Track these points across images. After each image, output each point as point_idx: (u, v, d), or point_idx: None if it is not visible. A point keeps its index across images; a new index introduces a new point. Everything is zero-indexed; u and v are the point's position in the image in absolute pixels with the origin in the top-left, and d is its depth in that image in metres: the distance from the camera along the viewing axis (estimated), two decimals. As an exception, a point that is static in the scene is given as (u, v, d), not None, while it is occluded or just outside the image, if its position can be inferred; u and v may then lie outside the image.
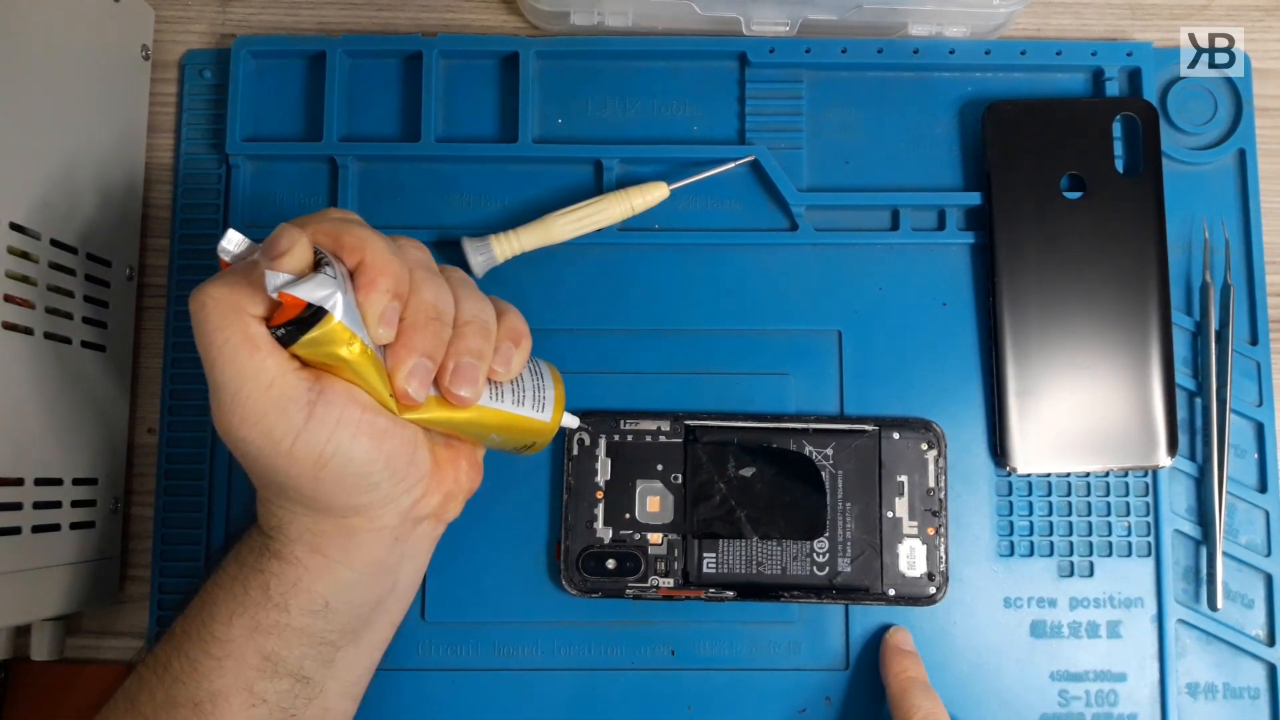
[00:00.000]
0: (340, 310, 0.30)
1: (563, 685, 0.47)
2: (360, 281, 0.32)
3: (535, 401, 0.39)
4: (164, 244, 0.50)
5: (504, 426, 0.37)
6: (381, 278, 0.32)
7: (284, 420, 0.32)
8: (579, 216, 0.47)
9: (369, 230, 0.33)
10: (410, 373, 0.33)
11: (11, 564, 0.40)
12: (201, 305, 0.32)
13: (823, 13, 0.49)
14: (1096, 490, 0.48)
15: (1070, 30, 0.52)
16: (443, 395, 0.35)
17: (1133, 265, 0.48)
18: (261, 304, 0.31)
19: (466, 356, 0.34)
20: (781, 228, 0.50)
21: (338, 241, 0.33)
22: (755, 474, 0.46)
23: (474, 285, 0.37)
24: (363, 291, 0.32)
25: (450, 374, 0.34)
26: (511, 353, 0.36)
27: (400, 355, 0.33)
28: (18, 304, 0.41)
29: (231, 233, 0.32)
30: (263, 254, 0.31)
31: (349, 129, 0.50)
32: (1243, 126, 0.50)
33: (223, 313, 0.31)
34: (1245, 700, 0.46)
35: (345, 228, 0.33)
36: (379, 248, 0.33)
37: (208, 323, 0.31)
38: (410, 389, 0.33)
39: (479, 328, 0.35)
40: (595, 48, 0.50)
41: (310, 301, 0.30)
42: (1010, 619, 0.47)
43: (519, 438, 0.39)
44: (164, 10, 0.52)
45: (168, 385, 0.49)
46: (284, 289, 0.30)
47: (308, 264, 0.31)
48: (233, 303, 0.31)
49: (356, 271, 0.32)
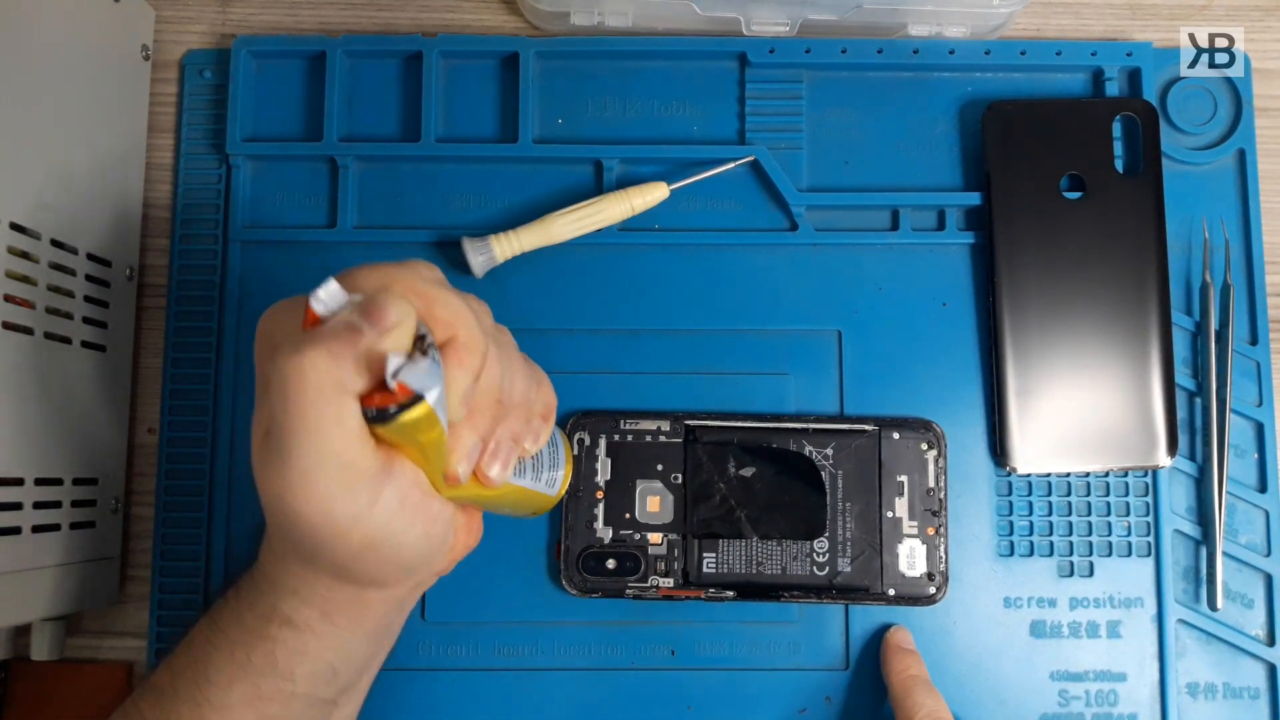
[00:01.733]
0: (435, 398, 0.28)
1: (563, 685, 0.47)
2: (450, 360, 0.30)
3: (549, 476, 0.39)
4: (164, 244, 0.50)
5: (518, 500, 0.38)
6: (470, 359, 0.31)
7: (350, 503, 0.30)
8: (579, 216, 0.47)
9: (458, 299, 0.31)
10: (467, 453, 0.32)
11: (11, 564, 0.40)
12: (301, 372, 0.28)
13: (823, 13, 0.49)
14: (1096, 490, 0.48)
15: (1070, 30, 0.52)
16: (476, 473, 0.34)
17: (1133, 265, 0.48)
18: (366, 383, 0.28)
19: (507, 439, 0.33)
20: (781, 228, 0.50)
21: (430, 310, 0.30)
22: (755, 474, 0.46)
23: (518, 351, 0.36)
24: (451, 371, 0.30)
25: (489, 454, 0.33)
26: (541, 429, 0.36)
27: (463, 436, 0.32)
28: (18, 304, 0.41)
29: (332, 284, 0.29)
30: (369, 322, 0.28)
31: (349, 129, 0.50)
32: (1242, 126, 0.50)
33: (324, 387, 0.28)
34: (1245, 700, 0.46)
35: (439, 295, 0.31)
36: (471, 325, 0.31)
37: (304, 393, 0.28)
38: (462, 469, 0.32)
39: (524, 410, 0.34)
40: (595, 48, 0.50)
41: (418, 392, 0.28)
42: (1010, 619, 0.47)
43: (526, 509, 0.39)
44: (164, 10, 0.52)
45: (168, 385, 0.49)
46: (403, 378, 0.28)
47: (412, 338, 0.29)
48: (337, 378, 0.28)
49: (447, 347, 0.30)
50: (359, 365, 0.28)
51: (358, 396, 0.28)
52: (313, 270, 0.49)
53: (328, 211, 0.50)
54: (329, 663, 0.35)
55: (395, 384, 0.27)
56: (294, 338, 0.28)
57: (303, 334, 0.28)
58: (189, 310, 0.49)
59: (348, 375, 0.28)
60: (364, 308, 0.28)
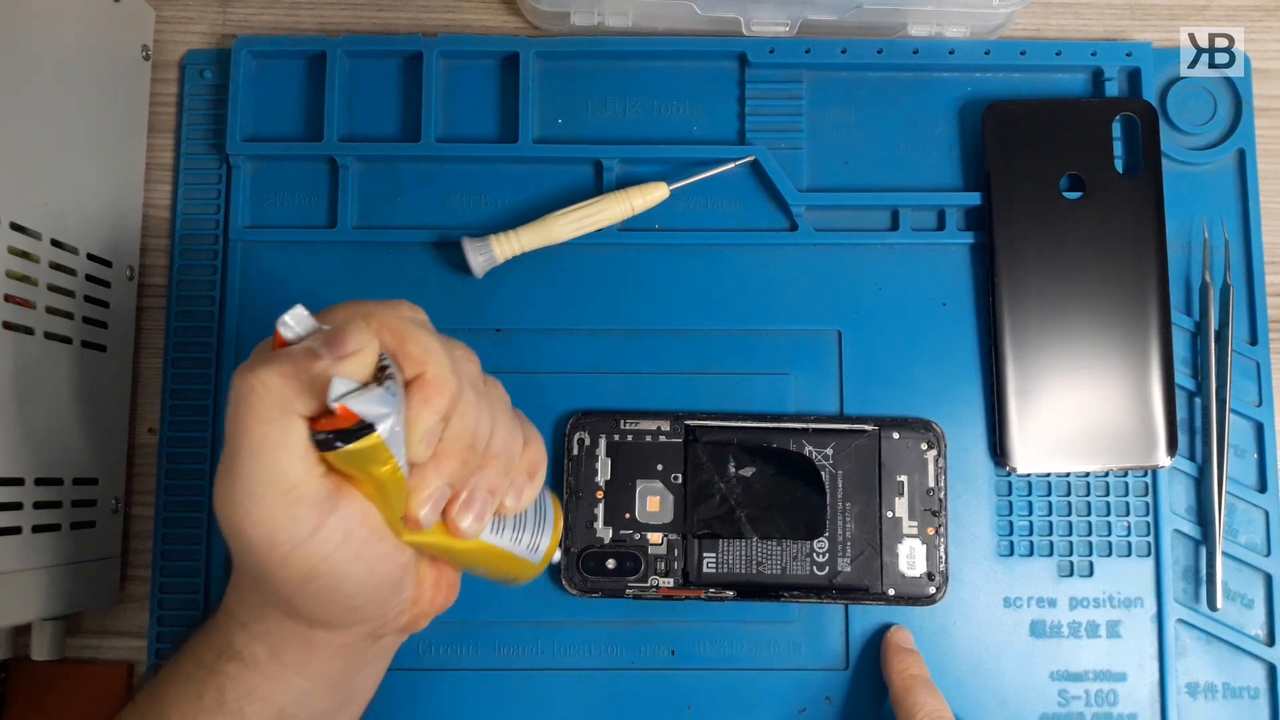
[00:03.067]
0: (388, 430, 0.28)
1: (563, 685, 0.47)
2: (415, 396, 0.30)
3: (531, 541, 0.37)
4: (164, 244, 0.50)
5: (493, 561, 0.36)
6: (437, 398, 0.30)
7: (290, 527, 0.29)
8: (579, 216, 0.47)
9: (434, 339, 0.31)
10: (429, 497, 0.31)
11: (12, 564, 0.40)
12: (250, 389, 0.28)
13: (823, 13, 0.49)
14: (1096, 490, 0.48)
15: (1070, 30, 0.52)
16: (446, 523, 0.33)
17: (1132, 265, 0.48)
18: (313, 406, 0.29)
19: (482, 490, 0.33)
20: (781, 228, 0.50)
21: (401, 346, 0.30)
22: (755, 474, 0.46)
23: (509, 405, 0.35)
24: (415, 408, 0.30)
25: (460, 503, 0.32)
26: (525, 487, 0.34)
27: (427, 478, 0.31)
28: (18, 304, 0.41)
29: (299, 310, 0.29)
30: (327, 347, 0.28)
31: (349, 129, 0.50)
32: (1242, 126, 0.50)
33: (269, 405, 0.28)
34: (1245, 700, 0.46)
35: (412, 332, 0.31)
36: (441, 363, 0.31)
37: (250, 411, 0.28)
38: (423, 514, 0.31)
39: (504, 462, 0.33)
40: (595, 48, 0.50)
41: (365, 419, 0.28)
42: (1010, 619, 0.47)
43: (503, 573, 0.37)
44: (164, 10, 0.52)
45: (168, 385, 0.49)
46: (346, 402, 0.27)
47: (372, 369, 0.29)
48: (283, 397, 0.28)
49: (414, 384, 0.30)
50: (309, 388, 0.28)
51: (306, 420, 0.29)
52: (313, 270, 0.49)
53: (328, 211, 0.50)
54: (279, 705, 0.34)
55: (337, 407, 0.27)
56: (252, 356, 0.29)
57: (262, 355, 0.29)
58: (189, 310, 0.49)
59: (295, 396, 0.28)
60: (327, 335, 0.28)
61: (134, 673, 0.48)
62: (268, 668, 0.34)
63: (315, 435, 0.29)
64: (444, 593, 0.37)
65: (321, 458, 0.29)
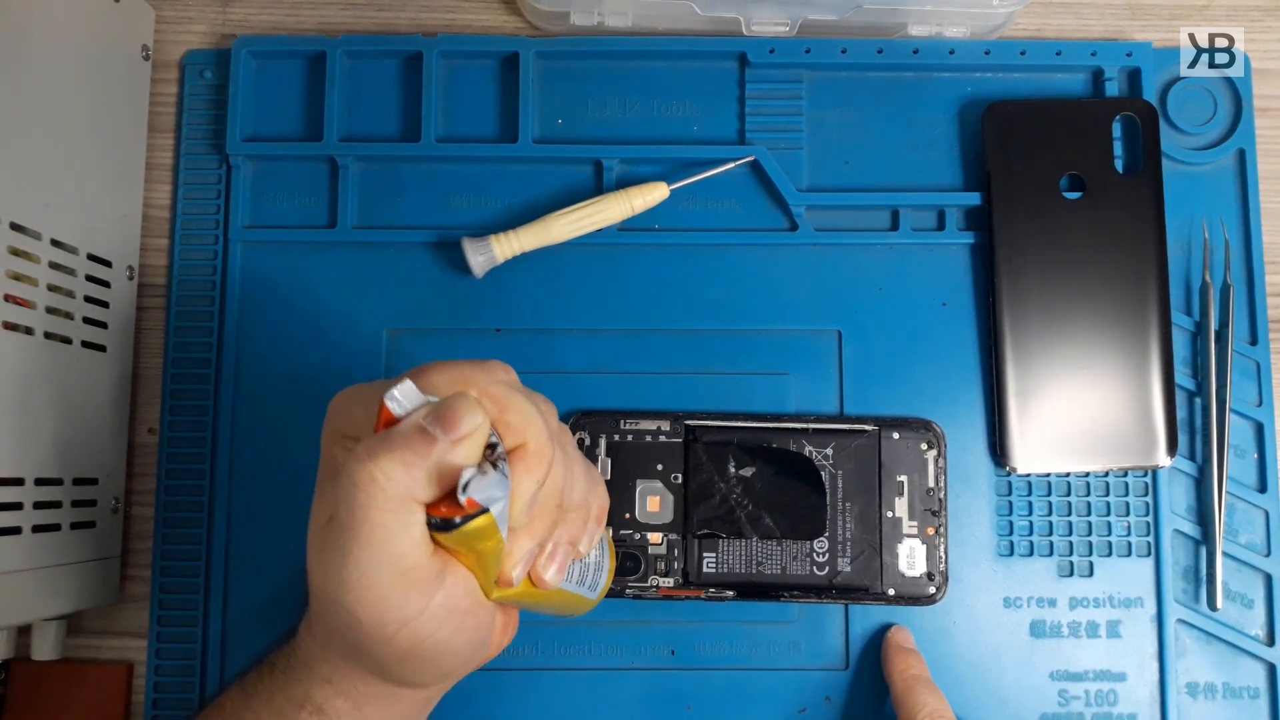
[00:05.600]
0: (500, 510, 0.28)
1: (563, 685, 0.47)
2: (518, 468, 0.30)
3: (594, 580, 0.38)
4: (164, 244, 0.50)
5: (564, 602, 0.37)
6: (538, 468, 0.30)
7: (403, 608, 0.29)
8: (579, 217, 0.47)
9: (531, 406, 0.31)
10: (523, 558, 0.31)
11: (12, 564, 0.40)
12: (372, 480, 0.28)
13: (823, 13, 0.49)
14: (1096, 490, 0.48)
15: (1070, 30, 0.52)
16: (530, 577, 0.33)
17: (1132, 265, 0.48)
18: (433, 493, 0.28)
19: (564, 544, 0.33)
20: (781, 228, 0.50)
21: (501, 415, 0.30)
22: (755, 474, 0.46)
23: (580, 455, 0.35)
24: (518, 479, 0.30)
25: (545, 557, 0.33)
26: (595, 532, 0.35)
27: (522, 542, 0.31)
28: (18, 304, 0.41)
29: (408, 384, 0.28)
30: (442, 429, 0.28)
31: (349, 129, 0.50)
32: (1242, 127, 0.50)
33: (393, 497, 0.28)
34: (1245, 700, 0.46)
35: (511, 400, 0.30)
36: (541, 434, 0.30)
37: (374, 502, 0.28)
38: (517, 574, 0.31)
39: (581, 515, 0.34)
40: (595, 48, 0.50)
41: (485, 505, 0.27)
42: (1010, 619, 0.47)
43: (568, 610, 0.38)
44: (164, 10, 0.52)
45: (168, 385, 0.49)
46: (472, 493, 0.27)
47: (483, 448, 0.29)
48: (406, 488, 0.28)
49: (515, 455, 0.30)
50: (430, 476, 0.28)
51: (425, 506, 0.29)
52: (313, 270, 0.49)
53: (328, 211, 0.50)
54: None
55: (465, 499, 0.27)
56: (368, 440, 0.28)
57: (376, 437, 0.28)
58: (189, 310, 0.49)
59: (418, 485, 0.28)
60: (439, 413, 0.28)
61: (133, 673, 0.48)
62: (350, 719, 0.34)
63: (431, 520, 0.28)
64: (509, 633, 0.37)
65: (432, 537, 0.29)
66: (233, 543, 0.47)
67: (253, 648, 0.47)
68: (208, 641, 0.47)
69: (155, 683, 0.47)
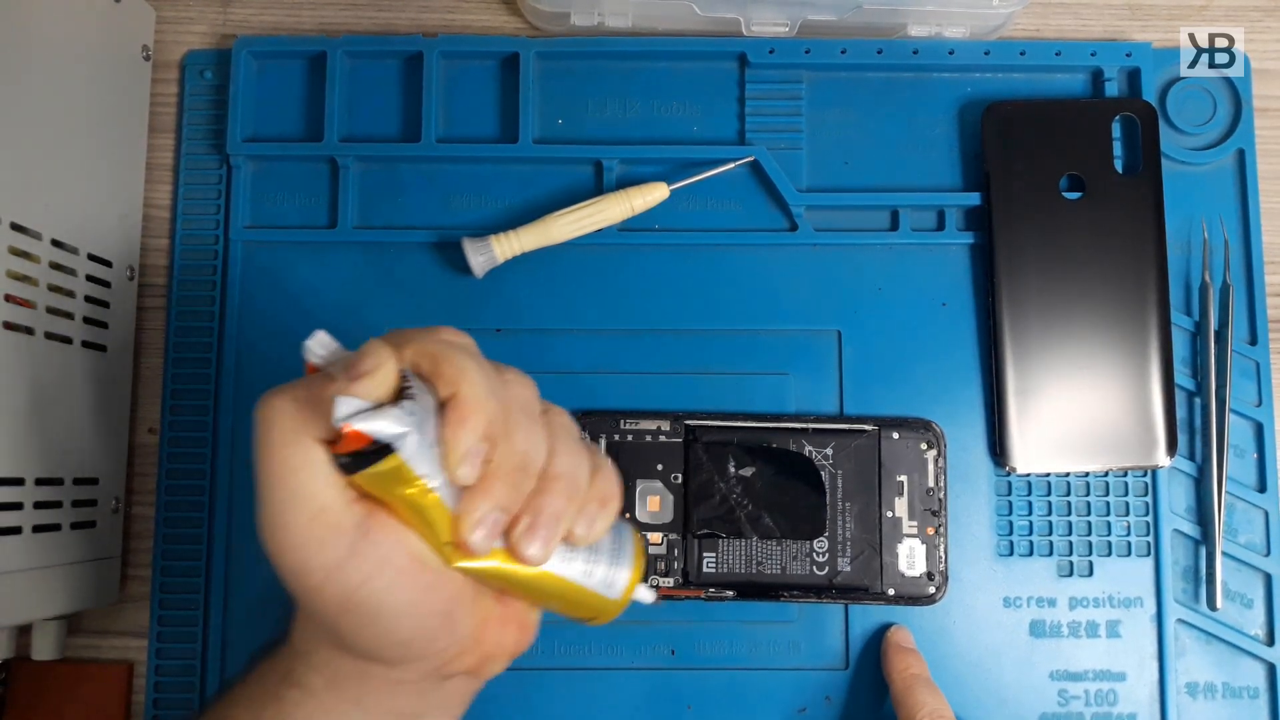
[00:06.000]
0: (410, 450, 0.28)
1: (563, 685, 0.47)
2: (450, 416, 0.29)
3: (606, 575, 0.34)
4: (165, 244, 0.51)
5: (564, 594, 0.34)
6: (473, 416, 0.29)
7: (321, 553, 0.29)
8: (579, 217, 0.48)
9: (473, 360, 0.30)
10: (480, 521, 0.30)
11: (12, 564, 0.40)
12: (267, 417, 0.29)
13: (822, 13, 0.49)
14: (1096, 490, 0.48)
15: (1070, 31, 0.52)
16: (509, 549, 0.31)
17: (1132, 265, 0.48)
18: (328, 428, 0.28)
19: (546, 514, 0.31)
20: (781, 228, 0.50)
21: (436, 368, 0.30)
22: (755, 474, 0.47)
23: (575, 433, 0.34)
24: (450, 427, 0.29)
25: (523, 528, 0.31)
26: (596, 515, 0.33)
27: (474, 501, 0.30)
28: (18, 304, 0.41)
29: (320, 334, 0.29)
30: (343, 370, 0.28)
31: (350, 129, 0.50)
32: (1242, 127, 0.50)
33: (286, 430, 0.28)
34: (1244, 700, 0.47)
35: (448, 353, 0.30)
36: (476, 382, 0.30)
37: (268, 437, 0.29)
38: (475, 538, 0.30)
39: (567, 485, 0.32)
40: (595, 48, 0.50)
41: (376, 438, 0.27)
42: (1010, 619, 0.47)
43: (577, 610, 0.35)
44: (165, 11, 0.52)
45: (169, 385, 0.49)
46: (351, 421, 0.27)
47: (391, 389, 0.28)
48: (299, 421, 0.28)
49: (449, 404, 0.29)
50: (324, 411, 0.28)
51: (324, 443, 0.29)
52: (313, 270, 0.49)
53: (328, 212, 0.50)
54: None
55: (342, 427, 0.27)
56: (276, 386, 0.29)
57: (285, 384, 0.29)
58: (189, 310, 0.49)
59: (311, 419, 0.28)
60: (346, 357, 0.28)
61: (134, 672, 0.48)
62: (325, 699, 0.34)
63: (337, 459, 0.28)
64: (514, 633, 0.35)
65: (349, 483, 0.29)
66: (233, 542, 0.48)
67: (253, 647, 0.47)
68: (208, 641, 0.47)
69: (155, 682, 0.47)
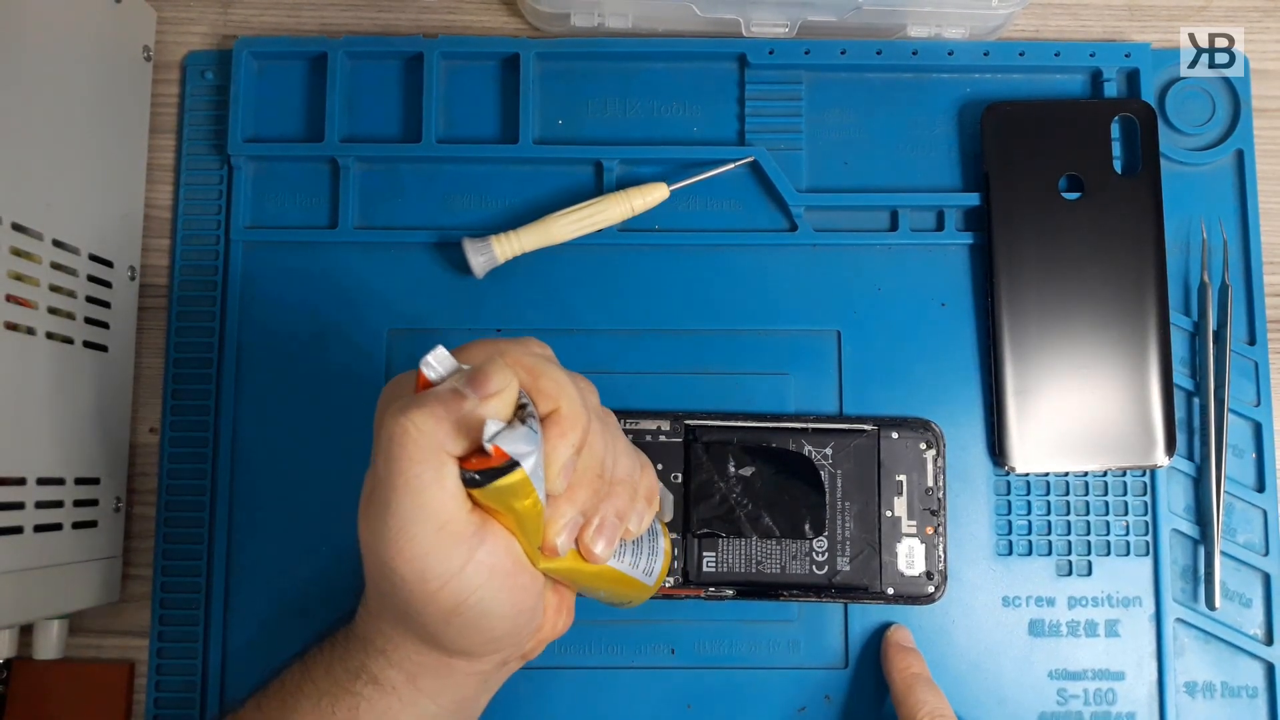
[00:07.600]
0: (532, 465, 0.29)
1: (562, 684, 0.47)
2: (552, 431, 0.31)
3: (647, 565, 0.38)
4: (165, 244, 0.51)
5: (616, 582, 0.37)
6: (572, 432, 0.32)
7: (443, 562, 0.31)
8: (579, 217, 0.48)
9: (564, 374, 0.33)
10: (565, 525, 0.32)
11: (13, 563, 0.40)
12: (404, 432, 0.29)
13: (822, 14, 0.50)
14: (1095, 490, 0.48)
15: (1069, 31, 0.52)
16: (579, 548, 0.34)
17: (1131, 265, 0.48)
18: (465, 446, 0.30)
19: (611, 516, 0.34)
20: (781, 228, 0.50)
21: (535, 382, 0.32)
22: (755, 474, 0.47)
23: (622, 434, 0.36)
24: (552, 442, 0.31)
25: (593, 529, 0.34)
26: (645, 513, 0.36)
27: (563, 508, 0.32)
28: (19, 304, 0.41)
29: (440, 350, 0.31)
30: (472, 388, 0.29)
31: (350, 130, 0.50)
32: (1241, 127, 0.50)
33: (424, 447, 0.29)
34: (1243, 699, 0.47)
35: (544, 369, 0.32)
36: (573, 399, 0.32)
37: (406, 453, 0.29)
38: (560, 541, 0.33)
39: (629, 488, 0.35)
40: (595, 49, 0.51)
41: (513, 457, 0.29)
42: (1009, 618, 0.47)
43: (622, 595, 0.39)
44: (165, 11, 0.52)
45: (169, 385, 0.49)
46: (498, 441, 0.29)
47: (513, 407, 0.30)
48: (437, 440, 0.29)
49: (549, 419, 0.31)
50: (459, 429, 0.29)
51: (456, 459, 0.30)
52: (314, 271, 0.49)
53: (329, 212, 0.50)
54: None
55: (490, 448, 0.28)
56: (403, 399, 0.30)
57: (411, 396, 0.30)
58: (190, 310, 0.49)
59: (448, 438, 0.29)
60: (470, 375, 0.30)
61: (135, 672, 0.48)
62: (404, 693, 0.35)
63: (464, 474, 0.30)
64: (564, 618, 0.38)
65: (468, 494, 0.30)
66: (234, 542, 0.48)
67: (254, 647, 0.47)
68: (209, 640, 0.47)
69: (157, 681, 0.47)
